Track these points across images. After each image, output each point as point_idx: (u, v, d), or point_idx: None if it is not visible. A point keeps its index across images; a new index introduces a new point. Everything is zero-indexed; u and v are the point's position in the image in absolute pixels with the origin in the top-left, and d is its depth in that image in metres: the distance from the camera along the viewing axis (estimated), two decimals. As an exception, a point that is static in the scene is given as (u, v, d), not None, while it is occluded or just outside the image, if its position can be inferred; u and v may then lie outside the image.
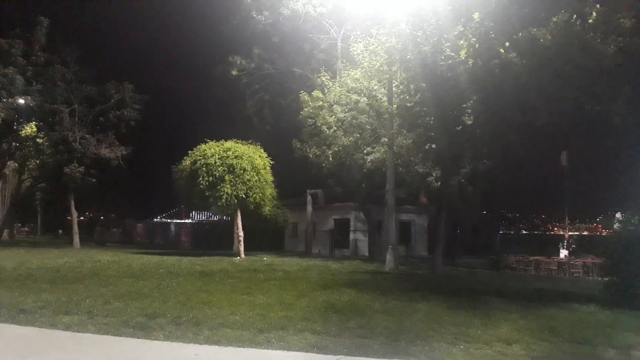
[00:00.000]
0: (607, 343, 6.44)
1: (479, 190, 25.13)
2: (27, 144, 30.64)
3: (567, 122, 14.34)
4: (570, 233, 29.39)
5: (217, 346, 5.59)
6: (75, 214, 33.21)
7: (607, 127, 13.93)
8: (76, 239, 31.54)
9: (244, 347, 5.52)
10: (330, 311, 7.84)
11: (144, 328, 6.26)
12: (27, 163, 33.93)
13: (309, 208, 29.20)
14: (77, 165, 30.38)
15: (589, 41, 11.46)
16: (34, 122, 30.50)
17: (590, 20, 11.40)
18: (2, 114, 25.87)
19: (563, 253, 25.29)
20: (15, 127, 29.99)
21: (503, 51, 12.26)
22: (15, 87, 26.89)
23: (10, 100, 26.89)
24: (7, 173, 37.92)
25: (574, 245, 27.48)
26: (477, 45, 12.69)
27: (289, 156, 26.19)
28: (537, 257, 22.83)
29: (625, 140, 18.41)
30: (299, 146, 25.15)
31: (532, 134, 14.94)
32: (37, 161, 33.20)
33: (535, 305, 9.41)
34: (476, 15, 12.26)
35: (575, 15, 11.35)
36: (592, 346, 6.26)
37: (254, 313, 7.44)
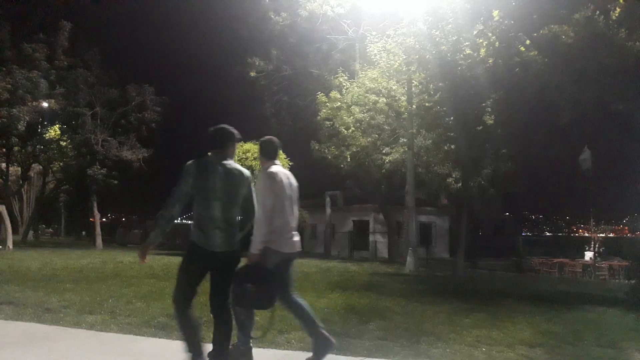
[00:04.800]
0: (633, 347, 6.28)
1: (500, 192, 24.77)
2: (51, 146, 31.30)
3: (590, 122, 14.09)
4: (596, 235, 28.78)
5: (237, 347, 5.57)
6: (97, 215, 33.78)
7: (632, 127, 13.65)
8: (99, 240, 32.05)
9: (264, 348, 5.52)
10: (349, 313, 7.80)
11: (165, 328, 6.31)
12: (51, 165, 34.66)
13: (328, 209, 29.17)
14: (99, 167, 30.88)
15: (612, 38, 11.21)
16: (57, 125, 31.16)
17: (613, 16, 11.16)
18: (27, 118, 26.42)
19: (588, 255, 24.81)
20: (39, 130, 30.66)
21: (524, 49, 12.09)
22: (39, 90, 27.45)
23: (34, 103, 27.46)
24: (32, 176, 38.78)
25: (602, 248, 26.88)
26: (497, 43, 12.55)
27: (307, 157, 26.21)
28: (561, 260, 22.43)
29: (652, 140, 17.95)
30: (317, 147, 25.16)
31: (555, 133, 14.71)
32: (61, 164, 33.90)
33: (559, 308, 9.22)
34: (496, 14, 12.12)
35: (597, 12, 11.13)
36: (617, 350, 6.10)
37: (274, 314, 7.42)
